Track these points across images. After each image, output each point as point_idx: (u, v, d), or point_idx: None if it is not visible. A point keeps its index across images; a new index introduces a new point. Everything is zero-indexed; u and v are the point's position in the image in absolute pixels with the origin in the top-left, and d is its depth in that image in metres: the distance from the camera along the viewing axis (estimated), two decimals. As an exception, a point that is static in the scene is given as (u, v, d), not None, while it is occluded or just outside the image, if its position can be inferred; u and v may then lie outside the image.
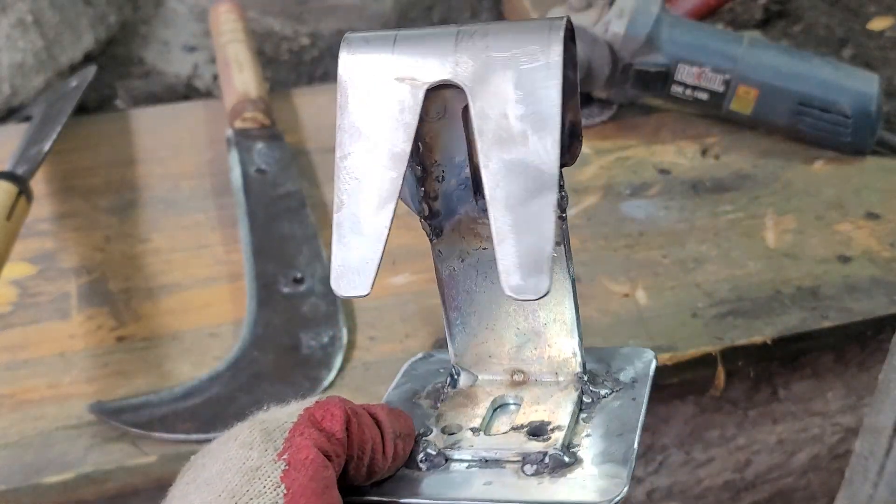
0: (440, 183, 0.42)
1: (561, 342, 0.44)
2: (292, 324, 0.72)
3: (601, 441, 0.41)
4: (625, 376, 0.45)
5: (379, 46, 0.38)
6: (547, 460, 0.39)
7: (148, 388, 0.67)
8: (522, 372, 0.44)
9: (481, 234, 0.42)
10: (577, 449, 0.41)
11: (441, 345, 0.71)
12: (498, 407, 0.44)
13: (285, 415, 0.38)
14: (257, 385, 0.67)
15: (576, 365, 0.43)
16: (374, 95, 0.38)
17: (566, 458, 0.39)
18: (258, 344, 0.70)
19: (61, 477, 0.62)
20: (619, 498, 0.37)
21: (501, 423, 0.43)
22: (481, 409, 0.43)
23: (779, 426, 0.77)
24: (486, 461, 0.40)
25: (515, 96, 0.36)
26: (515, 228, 0.35)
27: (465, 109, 0.38)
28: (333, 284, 0.38)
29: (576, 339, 0.43)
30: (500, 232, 0.35)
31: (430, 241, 0.43)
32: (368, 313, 0.74)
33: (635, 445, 0.40)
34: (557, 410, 0.42)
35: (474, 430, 0.42)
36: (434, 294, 0.46)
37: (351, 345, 0.71)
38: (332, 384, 0.68)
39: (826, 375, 0.78)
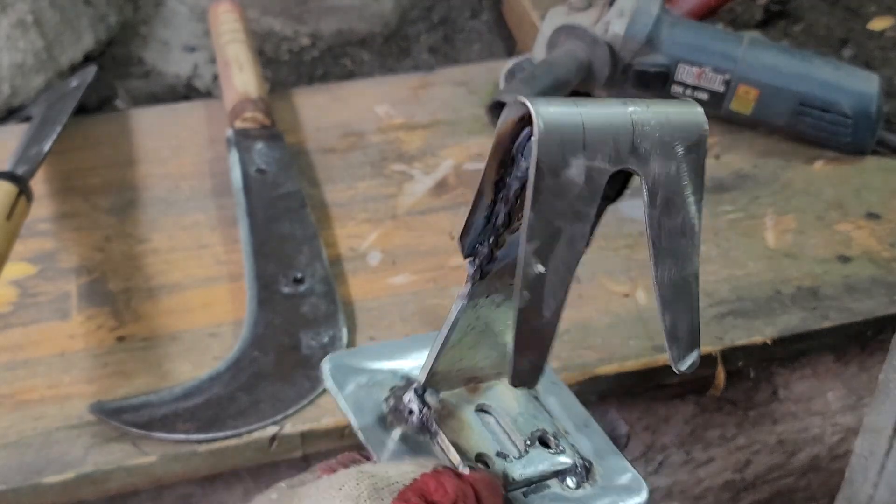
0: (513, 234, 0.41)
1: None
2: (292, 324, 0.72)
3: (578, 435, 0.45)
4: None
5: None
6: (580, 469, 0.42)
7: (148, 388, 0.67)
8: (475, 378, 0.46)
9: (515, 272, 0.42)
10: (580, 450, 0.43)
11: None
12: (480, 410, 0.45)
13: (397, 474, 0.37)
14: (257, 385, 0.67)
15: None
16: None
17: (587, 464, 0.42)
18: (258, 344, 0.70)
19: (61, 477, 0.62)
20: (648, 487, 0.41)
21: (510, 440, 0.44)
22: (476, 426, 0.44)
23: (779, 426, 0.77)
24: (532, 484, 0.42)
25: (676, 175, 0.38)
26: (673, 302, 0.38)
27: None
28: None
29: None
30: (664, 302, 0.38)
31: (470, 281, 0.42)
32: (368, 313, 0.74)
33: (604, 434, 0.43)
34: (529, 411, 0.44)
35: (502, 455, 0.43)
36: (434, 294, 0.46)
37: (351, 345, 0.71)
38: (332, 384, 0.68)
39: (826, 375, 0.78)
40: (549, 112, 0.34)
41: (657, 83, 0.90)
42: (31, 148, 0.81)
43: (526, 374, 0.34)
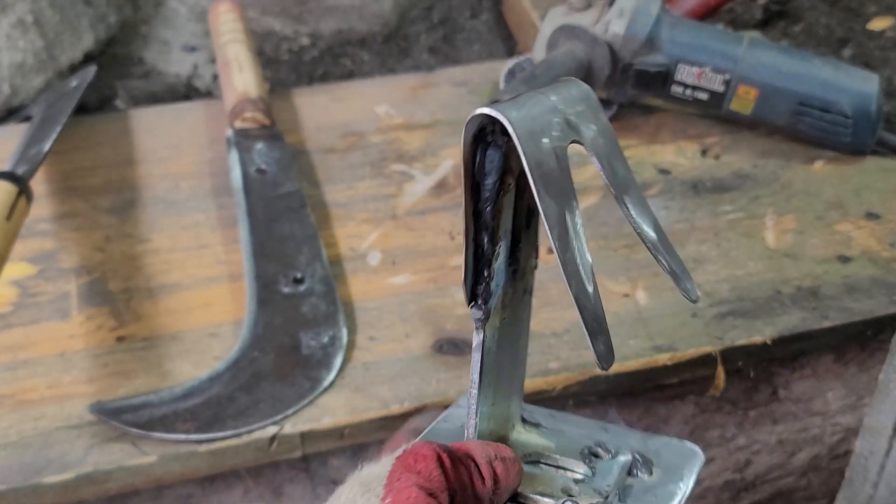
0: (496, 262, 0.41)
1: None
2: (292, 324, 0.72)
3: (609, 436, 0.47)
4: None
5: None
6: (641, 459, 0.44)
7: (148, 388, 0.67)
8: (502, 437, 0.46)
9: (505, 303, 0.42)
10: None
11: (441, 348, 0.71)
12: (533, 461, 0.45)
13: (379, 466, 0.39)
14: (257, 385, 0.67)
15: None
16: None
17: (641, 453, 0.45)
18: (258, 344, 0.70)
19: (61, 477, 0.62)
20: None
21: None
22: (538, 473, 0.44)
23: (779, 426, 0.77)
24: (618, 492, 0.43)
25: (601, 137, 0.40)
26: (662, 247, 0.41)
27: (519, 176, 0.40)
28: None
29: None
30: (656, 248, 0.41)
31: (479, 327, 0.42)
32: (368, 313, 0.74)
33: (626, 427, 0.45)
34: (560, 442, 0.46)
35: (581, 482, 0.44)
36: (434, 294, 0.46)
37: (351, 345, 0.71)
38: (332, 384, 0.68)
39: (826, 375, 0.78)
40: (506, 108, 0.36)
41: (657, 83, 0.90)
42: (31, 148, 0.81)
43: (606, 354, 0.37)
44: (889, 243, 0.82)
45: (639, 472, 0.44)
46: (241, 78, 0.92)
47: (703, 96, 0.90)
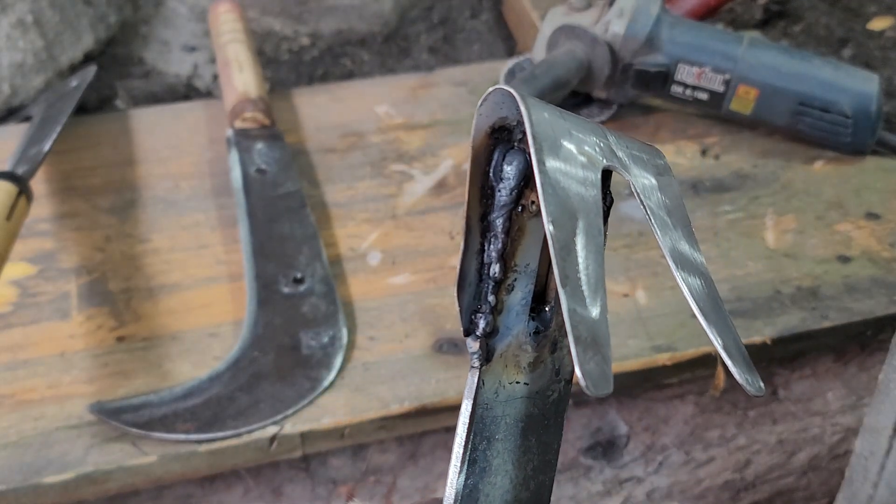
0: (509, 294, 0.35)
1: None
2: (292, 324, 0.72)
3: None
4: None
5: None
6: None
7: (148, 388, 0.67)
8: None
9: (521, 363, 0.36)
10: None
11: (441, 348, 0.71)
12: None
13: None
14: (257, 385, 0.67)
15: None
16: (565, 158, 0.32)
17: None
18: (258, 344, 0.70)
19: (61, 477, 0.62)
20: None
21: None
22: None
23: (779, 426, 0.77)
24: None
25: (660, 193, 0.34)
26: (719, 326, 0.32)
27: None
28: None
29: None
30: (709, 323, 0.32)
31: (475, 367, 0.36)
32: (368, 313, 0.74)
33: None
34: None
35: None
36: (434, 294, 0.45)
37: (351, 345, 0.71)
38: (332, 384, 0.68)
39: (826, 375, 0.78)
40: (534, 102, 0.31)
41: (657, 83, 0.90)
42: (31, 148, 0.81)
43: (596, 375, 0.28)
44: (889, 243, 0.82)
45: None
46: (241, 78, 0.92)
47: (703, 96, 0.90)
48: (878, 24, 1.17)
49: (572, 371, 0.38)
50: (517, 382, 0.36)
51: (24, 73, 0.98)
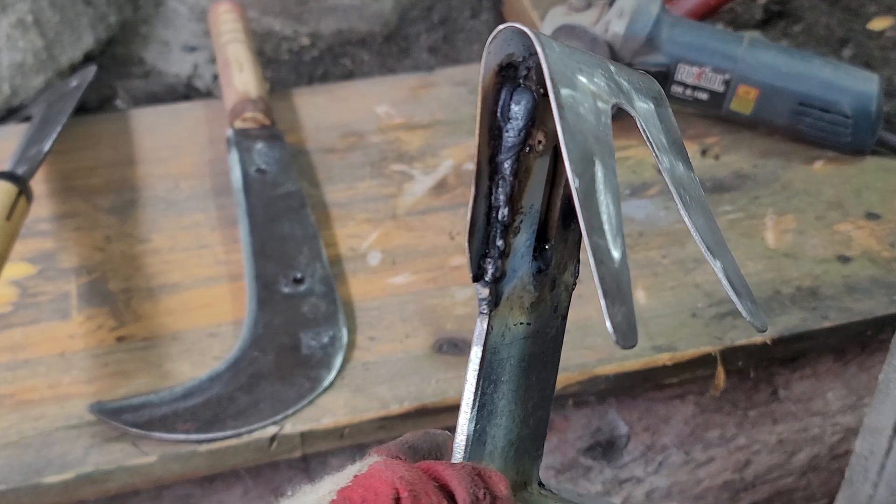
0: (516, 237, 0.35)
1: None
2: (292, 324, 0.72)
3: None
4: None
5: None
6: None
7: (148, 388, 0.67)
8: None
9: (525, 304, 0.37)
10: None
11: (441, 348, 0.71)
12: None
13: (316, 493, 0.29)
14: (257, 385, 0.67)
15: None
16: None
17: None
18: (258, 344, 0.70)
19: (61, 477, 0.62)
20: None
21: None
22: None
23: (779, 426, 0.77)
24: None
25: (657, 119, 0.35)
26: (718, 251, 0.33)
27: (556, 148, 0.35)
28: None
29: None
30: (710, 250, 0.33)
31: (485, 313, 0.36)
32: (368, 313, 0.74)
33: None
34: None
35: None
36: (434, 294, 0.45)
37: (351, 345, 0.71)
38: (332, 384, 0.68)
39: (826, 375, 0.78)
40: (547, 39, 0.31)
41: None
42: (31, 148, 0.81)
43: (627, 330, 0.29)
44: (889, 243, 0.82)
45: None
46: (241, 78, 0.92)
47: (703, 96, 0.90)
48: (878, 24, 1.17)
49: (568, 306, 0.39)
50: (521, 323, 0.37)
51: (24, 73, 0.98)
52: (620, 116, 0.36)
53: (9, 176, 0.73)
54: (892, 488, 0.63)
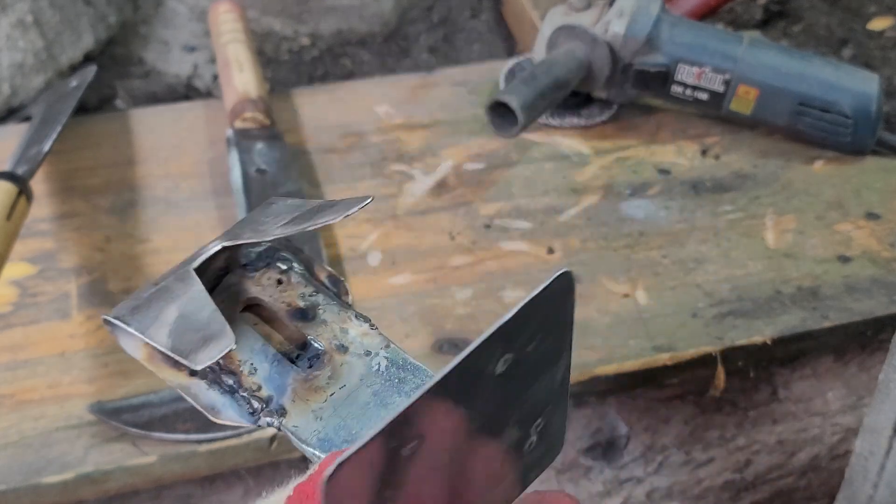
0: (255, 374, 0.38)
1: None
2: (292, 324, 0.72)
3: None
4: None
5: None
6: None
7: (148, 388, 0.67)
8: None
9: (320, 384, 0.38)
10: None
11: (441, 348, 0.71)
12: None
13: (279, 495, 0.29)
14: (257, 385, 0.67)
15: None
16: None
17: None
18: (258, 344, 0.70)
19: (61, 477, 0.62)
20: None
21: None
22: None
23: (779, 426, 0.77)
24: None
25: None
26: None
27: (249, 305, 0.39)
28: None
29: None
30: None
31: (279, 430, 0.37)
32: (368, 313, 0.73)
33: None
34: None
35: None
36: (434, 294, 0.45)
37: (351, 345, 0.71)
38: (332, 384, 0.68)
39: (826, 375, 0.78)
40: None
41: (657, 83, 0.90)
42: (31, 148, 0.81)
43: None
44: (889, 243, 0.82)
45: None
46: (241, 78, 0.92)
47: (703, 96, 0.90)
48: (878, 24, 1.17)
49: (385, 336, 0.41)
50: (332, 395, 0.37)
51: (24, 73, 0.98)
52: (620, 115, 0.36)
53: (9, 176, 0.73)
54: (892, 488, 0.63)
